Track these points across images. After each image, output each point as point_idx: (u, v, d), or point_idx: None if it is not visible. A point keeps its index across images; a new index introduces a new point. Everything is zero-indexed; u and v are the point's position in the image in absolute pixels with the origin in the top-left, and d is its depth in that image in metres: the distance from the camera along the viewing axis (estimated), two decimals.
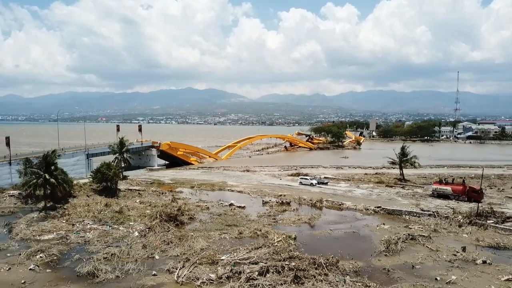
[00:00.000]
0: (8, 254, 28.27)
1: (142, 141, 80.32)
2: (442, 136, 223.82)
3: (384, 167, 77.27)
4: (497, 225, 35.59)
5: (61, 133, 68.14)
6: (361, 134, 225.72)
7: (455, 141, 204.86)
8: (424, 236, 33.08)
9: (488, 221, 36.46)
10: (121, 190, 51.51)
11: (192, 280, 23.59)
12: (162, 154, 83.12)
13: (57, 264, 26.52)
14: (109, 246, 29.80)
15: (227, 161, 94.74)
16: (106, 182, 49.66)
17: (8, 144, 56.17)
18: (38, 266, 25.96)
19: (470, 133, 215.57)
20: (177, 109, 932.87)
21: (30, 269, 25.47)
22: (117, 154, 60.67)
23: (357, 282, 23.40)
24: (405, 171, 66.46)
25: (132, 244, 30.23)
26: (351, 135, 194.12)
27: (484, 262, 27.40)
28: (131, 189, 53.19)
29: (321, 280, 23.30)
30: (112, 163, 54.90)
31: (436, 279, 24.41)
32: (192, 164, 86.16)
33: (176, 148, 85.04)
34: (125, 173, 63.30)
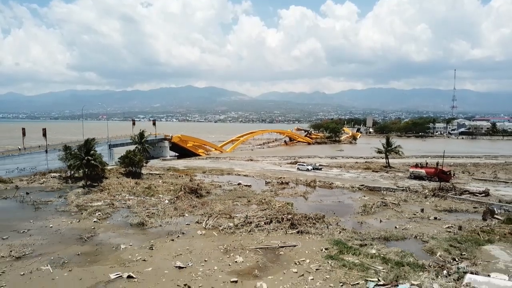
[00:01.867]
0: (72, 214, 36.89)
1: (156, 134, 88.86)
2: (436, 132, 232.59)
3: (374, 158, 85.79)
4: (454, 196, 44.24)
5: (69, 129, 75.99)
6: (358, 130, 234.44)
7: (448, 137, 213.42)
8: (394, 203, 41.77)
9: (448, 194, 45.12)
10: (143, 174, 60.13)
11: (216, 227, 32.19)
12: (173, 146, 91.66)
13: (112, 219, 35.21)
14: (147, 209, 38.41)
15: (232, 153, 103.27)
16: (132, 166, 58.27)
17: (44, 135, 64.93)
18: (99, 220, 34.65)
19: (462, 129, 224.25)
20: (177, 107, 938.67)
21: (94, 221, 34.11)
22: (138, 144, 69.21)
23: (336, 228, 32.06)
24: (392, 160, 75.04)
25: (165, 208, 38.86)
26: (348, 131, 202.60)
27: (435, 218, 36.07)
28: (151, 173, 61.79)
29: (310, 226, 31.91)
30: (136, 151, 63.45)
31: (395, 227, 33.00)
32: (200, 155, 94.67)
33: (186, 140, 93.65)
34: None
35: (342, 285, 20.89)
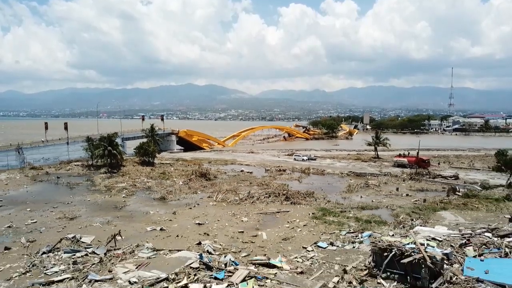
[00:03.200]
0: (103, 192, 43.95)
1: (164, 129, 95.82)
2: (432, 129, 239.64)
3: (365, 150, 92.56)
4: (428, 179, 51.31)
5: (73, 126, 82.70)
6: (355, 127, 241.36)
7: (442, 133, 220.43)
8: (375, 185, 48.80)
9: (423, 178, 52.19)
10: (155, 163, 67.14)
11: (224, 200, 39.21)
12: (180, 140, 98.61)
13: (137, 195, 42.24)
14: (165, 188, 45.41)
15: (234, 147, 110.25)
16: (146, 156, 65.30)
17: (66, 128, 72.07)
18: (127, 196, 41.70)
19: (456, 126, 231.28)
20: (177, 105, 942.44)
21: (123, 196, 41.18)
22: (149, 137, 76.26)
23: (323, 200, 39.11)
24: (382, 153, 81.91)
25: (180, 187, 45.89)
26: (345, 127, 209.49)
27: (407, 195, 43.07)
28: (162, 163, 68.78)
29: (301, 199, 38.94)
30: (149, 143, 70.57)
31: (372, 201, 40.02)
32: (205, 149, 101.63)
33: (191, 135, 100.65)
34: None
35: (322, 234, 27.88)
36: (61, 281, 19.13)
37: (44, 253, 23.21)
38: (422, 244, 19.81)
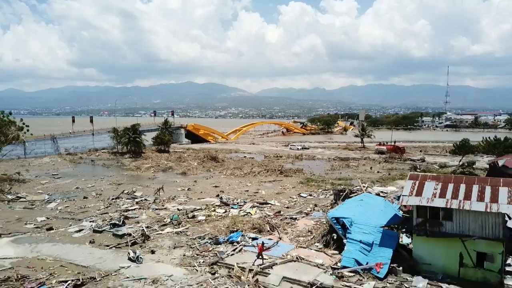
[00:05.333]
0: (133, 170, 54.68)
1: (174, 123, 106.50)
2: (425, 125, 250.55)
3: (355, 142, 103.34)
4: (399, 161, 62.10)
5: (80, 123, 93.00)
6: (351, 123, 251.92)
7: (434, 130, 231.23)
8: (355, 165, 59.57)
9: (395, 160, 62.99)
10: (170, 151, 77.88)
11: (232, 174, 49.97)
12: (188, 134, 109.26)
13: (161, 172, 53.03)
14: (184, 168, 56.13)
15: (236, 140, 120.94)
16: (162, 145, 76.05)
17: (91, 121, 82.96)
18: (155, 172, 52.50)
19: (448, 123, 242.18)
20: (177, 103, 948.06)
21: (152, 172, 51.99)
22: (163, 129, 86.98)
23: (309, 174, 49.91)
24: (369, 144, 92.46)
25: (196, 167, 56.66)
26: (342, 124, 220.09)
27: (378, 172, 53.80)
28: (176, 151, 79.55)
29: (292, 174, 49.71)
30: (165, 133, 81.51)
31: (348, 175, 50.73)
32: (210, 141, 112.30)
33: (198, 128, 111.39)
34: None
35: (305, 191, 38.64)
36: (133, 209, 29.99)
37: (113, 199, 34.04)
38: (364, 187, 30.65)
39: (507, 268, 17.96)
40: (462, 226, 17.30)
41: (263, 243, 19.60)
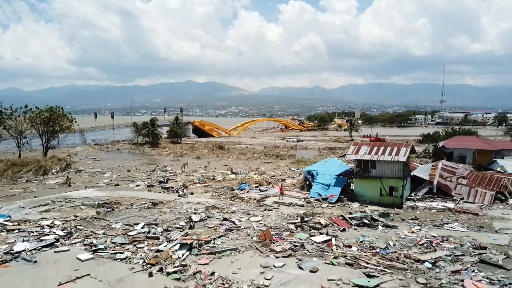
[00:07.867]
0: (155, 155, 66.32)
1: (182, 120, 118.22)
2: (417, 122, 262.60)
3: (345, 136, 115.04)
4: None
5: (84, 121, 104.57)
6: (347, 121, 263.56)
7: (426, 126, 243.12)
8: (339, 152, 71.25)
9: None
10: (181, 142, 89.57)
11: (237, 158, 61.64)
12: (194, 129, 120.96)
13: (181, 157, 64.70)
14: (197, 154, 67.73)
15: (238, 135, 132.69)
16: (175, 137, 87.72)
17: (112, 117, 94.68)
18: (175, 156, 64.19)
19: (439, 120, 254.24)
20: (177, 102, 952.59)
21: (172, 157, 63.64)
22: (175, 124, 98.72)
23: (301, 158, 61.63)
24: (358, 138, 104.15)
25: (207, 154, 68.33)
26: (338, 121, 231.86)
27: None
28: (186, 143, 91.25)
29: (286, 158, 61.39)
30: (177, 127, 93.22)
31: (332, 157, 62.31)
32: (215, 136, 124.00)
33: (204, 124, 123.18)
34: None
35: (295, 168, 50.23)
36: (170, 175, 41.73)
37: (150, 171, 45.72)
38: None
39: (405, 195, 29.67)
40: (381, 171, 28.97)
41: (281, 186, 31.24)
